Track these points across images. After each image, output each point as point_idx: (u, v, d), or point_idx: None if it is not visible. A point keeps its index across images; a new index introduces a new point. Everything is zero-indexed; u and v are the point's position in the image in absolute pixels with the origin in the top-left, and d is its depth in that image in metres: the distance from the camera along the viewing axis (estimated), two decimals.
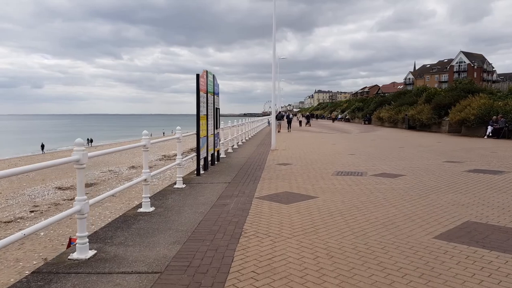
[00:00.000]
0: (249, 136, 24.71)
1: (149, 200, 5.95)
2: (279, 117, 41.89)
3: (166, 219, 5.36)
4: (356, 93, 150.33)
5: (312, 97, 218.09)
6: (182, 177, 8.61)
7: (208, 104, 10.26)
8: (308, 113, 65.03)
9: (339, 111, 76.61)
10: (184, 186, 7.80)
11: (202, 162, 9.85)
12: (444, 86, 68.03)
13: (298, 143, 18.83)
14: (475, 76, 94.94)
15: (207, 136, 10.05)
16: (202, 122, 9.59)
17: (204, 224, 5.12)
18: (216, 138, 11.54)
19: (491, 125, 19.73)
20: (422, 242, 4.27)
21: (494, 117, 19.97)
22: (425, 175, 8.84)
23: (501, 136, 19.09)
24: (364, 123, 47.77)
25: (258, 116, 74.96)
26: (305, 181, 8.27)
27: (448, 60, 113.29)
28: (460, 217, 5.29)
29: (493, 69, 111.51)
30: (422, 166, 10.28)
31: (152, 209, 5.90)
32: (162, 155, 31.81)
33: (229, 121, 15.78)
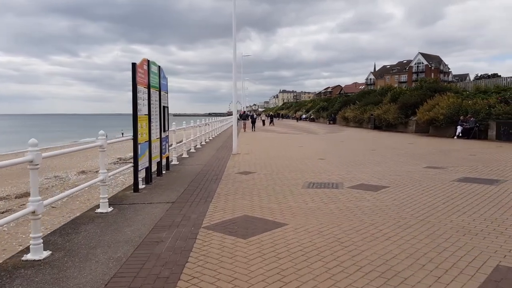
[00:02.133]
0: (211, 138, 22.86)
1: (41, 240, 4.03)
2: (244, 116, 40.87)
3: (59, 276, 3.49)
4: (320, 93, 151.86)
5: (277, 97, 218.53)
6: (112, 196, 6.74)
7: (151, 102, 8.37)
8: (271, 113, 65.10)
9: (304, 110, 76.11)
10: (110, 210, 5.88)
11: (143, 174, 7.95)
12: (403, 86, 69.11)
13: (263, 146, 17.22)
14: (432, 77, 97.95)
15: (149, 141, 8.16)
16: (142, 123, 7.70)
17: (114, 285, 3.31)
18: (164, 143, 9.66)
19: (461, 125, 19.06)
20: None
21: (462, 116, 19.32)
22: (411, 186, 7.44)
23: (472, 136, 18.43)
24: (329, 123, 47.12)
25: (223, 116, 73.17)
26: (270, 198, 6.61)
27: (407, 61, 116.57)
28: (484, 257, 3.80)
29: (449, 70, 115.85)
30: (403, 174, 8.92)
31: (45, 254, 3.97)
32: (118, 158, 29.20)
33: (184, 122, 13.89)
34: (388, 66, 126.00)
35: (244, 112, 47.90)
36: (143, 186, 7.86)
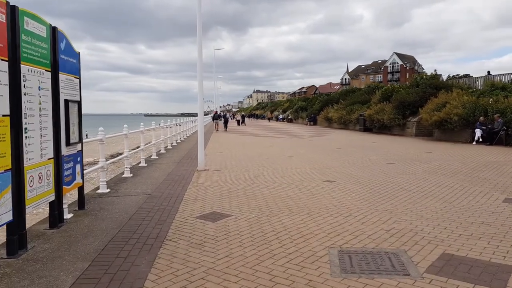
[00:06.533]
0: (175, 143, 18.56)
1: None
2: (216, 117, 36.97)
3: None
4: (294, 93, 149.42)
5: (251, 97, 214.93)
6: None
7: (26, 91, 4.26)
8: (243, 113, 62.38)
9: (280, 111, 72.55)
10: None
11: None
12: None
13: (239, 156, 13.18)
14: (407, 77, 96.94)
15: (18, 168, 4.03)
16: None
17: None
18: (71, 164, 5.50)
19: (480, 128, 15.70)
20: None
21: (481, 118, 15.99)
22: None
23: (496, 141, 15.08)
24: (309, 124, 43.58)
25: (196, 116, 68.53)
26: None
27: (382, 61, 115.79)
28: None
29: (423, 71, 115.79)
30: (487, 217, 5.15)
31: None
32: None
33: (125, 126, 9.65)
34: (363, 66, 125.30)
35: (217, 112, 44.30)
36: None
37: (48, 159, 4.82)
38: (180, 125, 23.31)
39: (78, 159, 5.82)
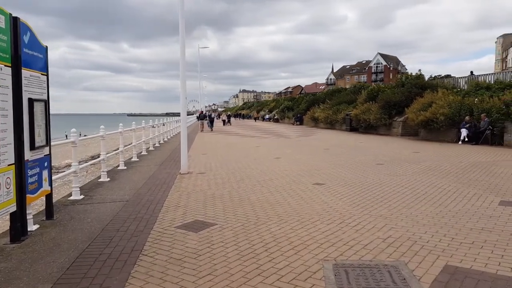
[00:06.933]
0: (158, 143, 17.96)
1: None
2: (201, 117, 36.55)
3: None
4: (280, 93, 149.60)
5: (237, 97, 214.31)
6: None
7: None
8: (229, 113, 61.89)
9: (267, 110, 72.25)
10: None
11: None
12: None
13: (224, 157, 12.75)
14: (391, 77, 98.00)
15: None
16: None
17: None
18: (36, 170, 5.00)
19: (465, 128, 15.64)
20: None
21: (467, 117, 15.93)
22: None
23: (482, 141, 15.03)
24: (296, 124, 43.38)
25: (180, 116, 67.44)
26: None
27: (366, 61, 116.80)
28: None
29: (406, 71, 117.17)
30: (485, 223, 4.87)
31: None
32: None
33: (102, 126, 9.10)
34: (348, 67, 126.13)
35: (202, 112, 44.13)
36: None
37: (8, 165, 4.32)
38: (164, 125, 22.74)
39: (45, 164, 5.31)
